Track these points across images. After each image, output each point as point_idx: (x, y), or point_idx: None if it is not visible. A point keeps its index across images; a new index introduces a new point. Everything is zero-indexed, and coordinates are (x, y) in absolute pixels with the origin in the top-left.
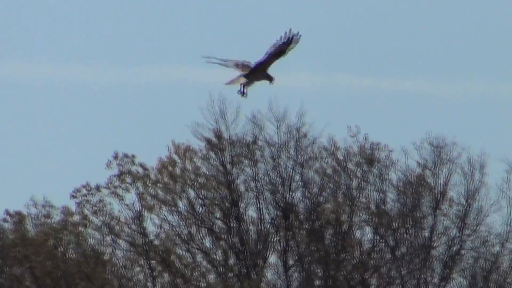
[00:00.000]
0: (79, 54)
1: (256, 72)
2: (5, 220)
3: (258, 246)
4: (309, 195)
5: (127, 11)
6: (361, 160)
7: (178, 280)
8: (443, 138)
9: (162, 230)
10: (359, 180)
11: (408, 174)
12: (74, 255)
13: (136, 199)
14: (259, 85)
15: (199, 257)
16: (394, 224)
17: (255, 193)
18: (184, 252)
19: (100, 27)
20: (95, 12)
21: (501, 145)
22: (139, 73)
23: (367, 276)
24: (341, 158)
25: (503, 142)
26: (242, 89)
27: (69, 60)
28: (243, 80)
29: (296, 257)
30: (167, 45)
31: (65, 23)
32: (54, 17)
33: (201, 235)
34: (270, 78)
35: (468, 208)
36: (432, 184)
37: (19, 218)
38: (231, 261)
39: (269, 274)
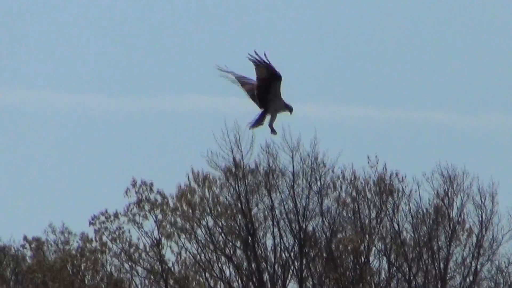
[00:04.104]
0: (100, 83)
1: (271, 87)
2: (23, 246)
3: (277, 274)
4: (326, 224)
5: (146, 41)
6: (379, 190)
7: None
8: (454, 168)
9: (180, 257)
10: (378, 210)
11: (425, 204)
12: (92, 281)
13: (155, 227)
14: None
15: (218, 285)
16: (410, 254)
17: (272, 222)
18: (203, 280)
19: (119, 57)
20: (115, 42)
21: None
22: (156, 101)
23: None
24: (360, 187)
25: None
26: (271, 130)
27: (89, 89)
28: (267, 120)
29: (314, 284)
30: (183, 74)
31: (85, 53)
32: (76, 46)
33: (220, 263)
34: (289, 108)
35: (482, 238)
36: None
37: (37, 244)
38: None
39: None
